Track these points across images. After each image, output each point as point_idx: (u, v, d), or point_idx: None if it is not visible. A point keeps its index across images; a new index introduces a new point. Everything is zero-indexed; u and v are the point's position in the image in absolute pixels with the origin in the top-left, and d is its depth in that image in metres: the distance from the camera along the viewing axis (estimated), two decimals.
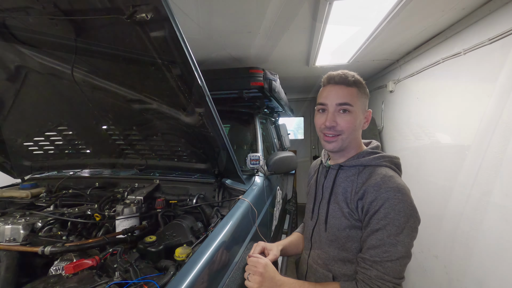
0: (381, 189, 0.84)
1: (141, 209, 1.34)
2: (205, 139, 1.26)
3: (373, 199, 0.84)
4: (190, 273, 0.87)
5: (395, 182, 0.85)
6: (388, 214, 0.81)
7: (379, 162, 0.93)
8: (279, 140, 3.65)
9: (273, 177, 2.28)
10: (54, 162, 1.73)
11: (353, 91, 0.93)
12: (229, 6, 1.58)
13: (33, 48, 1.06)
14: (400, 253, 0.80)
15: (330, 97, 0.94)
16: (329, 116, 0.93)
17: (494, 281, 1.51)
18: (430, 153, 2.24)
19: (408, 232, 0.81)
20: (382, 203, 0.82)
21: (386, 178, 0.86)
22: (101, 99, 1.21)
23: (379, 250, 0.82)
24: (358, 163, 0.95)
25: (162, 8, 0.74)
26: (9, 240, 1.11)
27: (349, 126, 0.92)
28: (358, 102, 0.93)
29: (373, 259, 0.83)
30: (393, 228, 0.81)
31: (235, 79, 2.17)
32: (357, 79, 0.95)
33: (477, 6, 1.61)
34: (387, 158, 0.95)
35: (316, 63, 2.81)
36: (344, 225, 0.92)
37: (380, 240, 0.82)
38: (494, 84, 1.53)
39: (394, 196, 0.82)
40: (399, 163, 0.97)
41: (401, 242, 0.80)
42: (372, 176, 0.89)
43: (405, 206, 0.82)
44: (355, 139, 0.98)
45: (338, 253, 0.95)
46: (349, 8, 1.59)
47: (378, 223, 0.83)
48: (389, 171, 0.90)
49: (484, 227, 1.60)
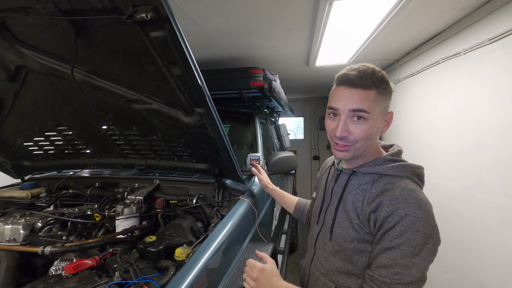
0: (399, 204, 0.73)
1: (141, 209, 1.34)
2: (205, 139, 1.26)
3: (388, 214, 0.74)
4: (190, 273, 0.87)
5: (417, 197, 0.74)
6: (405, 232, 0.71)
7: (399, 172, 0.81)
8: (279, 140, 3.65)
9: (273, 177, 2.28)
10: (54, 162, 1.73)
11: (371, 94, 0.78)
12: (229, 6, 1.58)
13: (33, 48, 1.06)
14: (414, 277, 0.71)
15: (342, 101, 0.80)
16: (341, 124, 0.80)
17: (494, 281, 1.51)
18: (430, 153, 2.24)
19: (426, 255, 0.71)
20: (399, 219, 0.72)
21: (406, 191, 0.75)
22: (101, 99, 1.21)
23: (390, 271, 0.72)
24: (374, 171, 0.84)
25: (162, 8, 0.74)
26: (9, 240, 1.11)
27: (364, 135, 0.80)
28: (377, 107, 0.79)
29: (382, 280, 0.73)
30: (408, 249, 0.71)
31: (235, 79, 2.17)
32: (378, 78, 0.79)
33: (477, 6, 1.60)
34: (409, 168, 0.82)
35: (316, 63, 2.81)
36: (352, 237, 0.82)
37: (393, 260, 0.72)
38: (494, 84, 1.53)
39: (414, 213, 0.71)
40: (422, 174, 0.85)
41: (416, 265, 0.70)
42: (390, 188, 0.78)
43: (425, 225, 0.71)
44: (371, 145, 0.86)
45: (343, 265, 0.86)
46: (349, 8, 1.59)
47: (392, 241, 0.73)
48: (410, 184, 0.78)
49: (484, 227, 1.60)
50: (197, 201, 1.41)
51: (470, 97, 1.74)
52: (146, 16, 0.75)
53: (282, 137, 3.84)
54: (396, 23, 1.79)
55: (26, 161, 1.72)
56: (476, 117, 1.68)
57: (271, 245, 1.40)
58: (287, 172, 2.13)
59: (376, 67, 0.82)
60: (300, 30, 1.97)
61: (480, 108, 1.65)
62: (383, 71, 0.83)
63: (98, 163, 1.70)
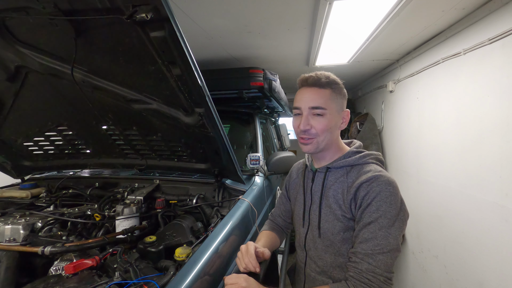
0: (373, 183, 0.85)
1: (141, 209, 1.34)
2: (205, 139, 1.26)
3: (365, 193, 0.86)
4: (190, 273, 0.87)
5: (385, 176, 0.87)
6: (380, 206, 0.83)
7: (366, 160, 0.94)
8: (279, 140, 3.65)
9: (273, 177, 2.28)
10: (54, 162, 1.73)
11: (326, 93, 0.92)
12: (229, 6, 1.58)
13: (33, 48, 1.06)
14: (391, 245, 0.81)
15: (303, 100, 0.94)
16: (303, 120, 0.93)
17: (494, 281, 1.51)
18: (430, 153, 2.24)
19: (399, 224, 0.83)
20: (374, 196, 0.84)
21: (376, 173, 0.88)
22: (101, 99, 1.21)
23: (371, 243, 0.82)
24: (345, 164, 0.96)
25: (162, 8, 0.74)
26: (9, 240, 1.11)
27: (323, 128, 0.92)
28: (333, 104, 0.93)
29: (365, 252, 0.82)
30: (385, 221, 0.82)
31: (235, 79, 2.17)
32: (332, 80, 0.94)
33: (477, 6, 1.60)
34: (373, 155, 0.96)
35: (316, 63, 2.81)
36: (338, 228, 0.92)
37: (372, 233, 0.82)
38: (494, 84, 1.53)
39: (386, 189, 0.84)
40: (383, 160, 0.99)
41: (392, 234, 0.81)
42: (362, 174, 0.90)
43: (396, 199, 0.84)
44: (333, 140, 0.97)
45: (335, 259, 0.94)
46: (349, 8, 1.59)
47: (370, 216, 0.84)
48: (377, 167, 0.92)
49: (484, 227, 1.60)
50: (197, 201, 1.41)
51: (470, 97, 1.74)
52: (146, 16, 0.75)
53: (282, 137, 3.84)
54: (396, 23, 1.79)
55: (26, 161, 1.72)
56: (476, 117, 1.68)
57: None
58: (287, 172, 2.13)
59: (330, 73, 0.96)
60: (300, 30, 1.97)
61: (480, 108, 1.65)
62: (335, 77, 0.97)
63: (98, 163, 1.70)
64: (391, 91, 3.14)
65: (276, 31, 1.97)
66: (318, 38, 2.04)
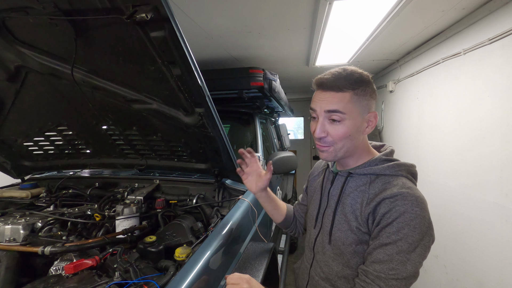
0: (397, 201, 0.74)
1: (141, 209, 1.34)
2: (205, 139, 1.26)
3: (387, 210, 0.75)
4: (190, 273, 0.87)
5: (414, 195, 0.75)
6: (402, 229, 0.72)
7: (395, 171, 0.82)
8: (279, 140, 3.65)
9: (273, 177, 2.28)
10: (54, 162, 1.73)
11: (345, 96, 0.79)
12: (229, 6, 1.58)
13: (33, 48, 1.06)
14: (408, 272, 0.72)
15: (318, 103, 0.83)
16: (318, 125, 0.82)
17: (494, 281, 1.51)
18: (430, 153, 2.24)
19: (421, 251, 0.73)
20: (397, 216, 0.73)
21: (404, 189, 0.76)
22: (101, 99, 1.21)
23: (385, 266, 0.73)
24: (370, 171, 0.84)
25: (162, 8, 0.74)
26: (9, 240, 1.11)
27: (341, 136, 0.81)
28: (355, 108, 0.80)
29: (377, 274, 0.74)
30: (405, 245, 0.72)
31: (235, 79, 2.17)
32: (354, 80, 0.79)
33: (477, 6, 1.61)
34: (404, 166, 0.84)
35: (316, 63, 2.81)
36: (351, 240, 0.83)
37: (389, 256, 0.73)
38: (494, 84, 1.53)
39: (412, 210, 0.73)
40: (415, 172, 0.87)
41: (411, 261, 0.72)
42: (388, 187, 0.79)
43: (422, 223, 0.73)
44: (356, 145, 0.86)
45: (342, 269, 0.86)
46: (349, 8, 1.59)
47: (389, 237, 0.74)
48: (406, 182, 0.80)
49: (484, 227, 1.60)
50: (197, 201, 1.41)
51: (470, 97, 1.74)
52: (146, 16, 0.75)
53: (282, 137, 3.84)
54: (396, 23, 1.79)
55: (26, 161, 1.72)
56: (476, 117, 1.68)
57: (271, 245, 1.40)
58: (287, 172, 2.13)
59: (356, 69, 0.82)
60: (300, 30, 1.97)
61: (480, 108, 1.65)
62: (365, 72, 0.83)
63: (98, 163, 1.70)
64: (391, 91, 3.15)
65: (276, 31, 1.97)
66: (318, 38, 2.04)
